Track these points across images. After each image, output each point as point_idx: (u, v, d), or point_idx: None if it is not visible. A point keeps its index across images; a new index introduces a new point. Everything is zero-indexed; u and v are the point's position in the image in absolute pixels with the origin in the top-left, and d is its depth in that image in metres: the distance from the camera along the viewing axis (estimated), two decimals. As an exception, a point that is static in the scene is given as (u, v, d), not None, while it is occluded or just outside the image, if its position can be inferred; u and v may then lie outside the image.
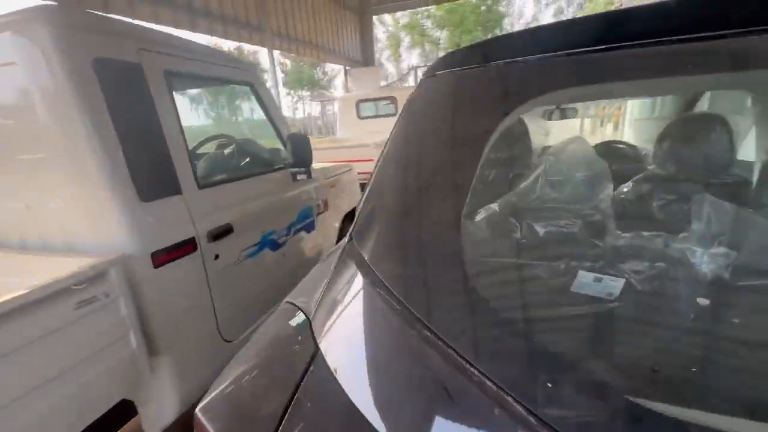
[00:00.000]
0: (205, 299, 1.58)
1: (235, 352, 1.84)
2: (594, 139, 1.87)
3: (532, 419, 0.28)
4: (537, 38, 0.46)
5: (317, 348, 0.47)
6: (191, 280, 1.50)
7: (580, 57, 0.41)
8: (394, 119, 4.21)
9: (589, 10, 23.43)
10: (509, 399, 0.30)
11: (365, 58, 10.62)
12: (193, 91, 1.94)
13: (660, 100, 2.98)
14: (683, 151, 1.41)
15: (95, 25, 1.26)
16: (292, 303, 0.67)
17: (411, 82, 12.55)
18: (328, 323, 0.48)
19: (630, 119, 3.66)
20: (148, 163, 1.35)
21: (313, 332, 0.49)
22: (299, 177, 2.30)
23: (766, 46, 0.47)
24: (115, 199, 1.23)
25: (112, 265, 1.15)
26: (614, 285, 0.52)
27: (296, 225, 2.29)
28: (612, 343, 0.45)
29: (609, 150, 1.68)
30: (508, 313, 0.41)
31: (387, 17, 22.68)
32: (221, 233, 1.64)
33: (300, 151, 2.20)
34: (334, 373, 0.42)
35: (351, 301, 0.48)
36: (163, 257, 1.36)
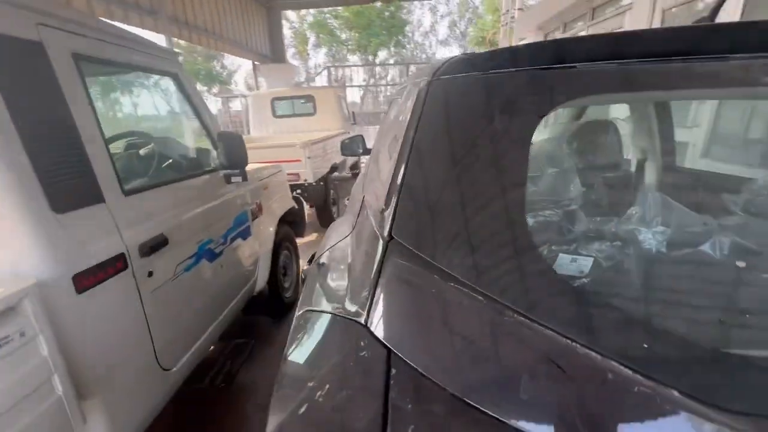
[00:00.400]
0: (140, 324, 1.35)
1: (175, 380, 1.60)
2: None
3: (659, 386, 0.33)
4: (578, 48, 0.53)
5: (388, 349, 0.45)
6: (122, 304, 1.27)
7: (603, 68, 0.50)
8: (312, 119, 4.26)
9: (479, 24, 26.14)
10: (622, 367, 0.35)
11: (275, 54, 10.10)
12: (109, 81, 1.61)
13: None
14: (589, 149, 1.70)
15: (-25, -11, 0.98)
16: (317, 310, 0.62)
17: (323, 81, 12.38)
18: (394, 322, 0.47)
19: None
20: (61, 165, 1.10)
21: (374, 334, 0.47)
22: (233, 179, 2.11)
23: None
24: (20, 210, 0.97)
25: (26, 295, 0.91)
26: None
27: (232, 232, 2.10)
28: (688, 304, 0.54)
29: None
30: (599, 290, 0.46)
31: (291, 14, 21.95)
32: (155, 246, 1.41)
33: (233, 150, 2.02)
34: (423, 371, 0.41)
35: (417, 297, 0.48)
36: (87, 279, 1.12)
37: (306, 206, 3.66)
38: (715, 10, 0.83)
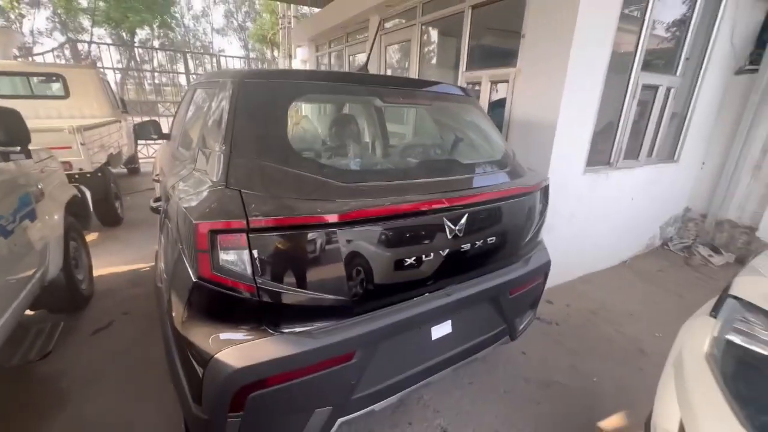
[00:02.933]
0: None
1: None
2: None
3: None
4: (305, 75, 1.34)
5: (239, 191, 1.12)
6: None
7: (318, 83, 1.34)
8: (64, 103, 4.30)
9: (259, 23, 26.22)
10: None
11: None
12: None
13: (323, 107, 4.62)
14: (342, 132, 2.70)
15: None
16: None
17: (51, 57, 9.74)
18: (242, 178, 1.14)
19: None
20: None
21: (234, 191, 1.13)
22: (13, 157, 2.02)
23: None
24: None
25: None
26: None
27: (20, 212, 2.02)
28: None
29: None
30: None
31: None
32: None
33: (11, 127, 1.96)
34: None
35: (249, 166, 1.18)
36: None
37: (89, 198, 3.34)
38: (365, 66, 1.91)
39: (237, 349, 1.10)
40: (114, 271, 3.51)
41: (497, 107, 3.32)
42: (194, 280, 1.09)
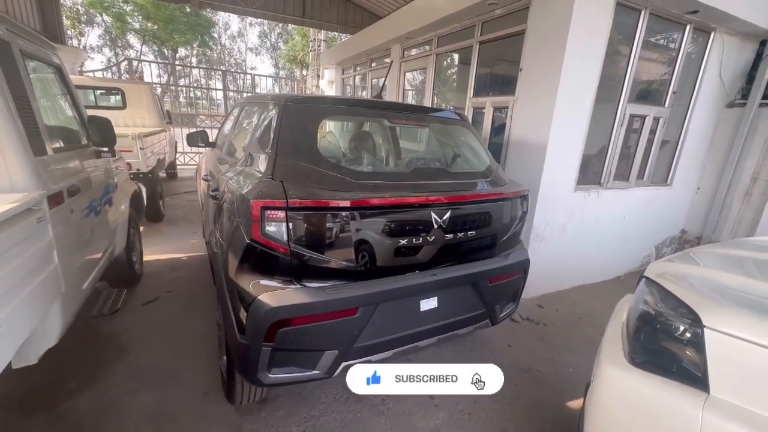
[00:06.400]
0: (72, 245, 1.89)
1: (85, 294, 2.15)
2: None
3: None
4: (332, 101, 1.81)
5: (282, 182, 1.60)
6: (63, 227, 1.81)
7: (343, 107, 1.80)
8: (121, 113, 5.18)
9: (291, 44, 27.89)
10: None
11: (49, 31, 8.35)
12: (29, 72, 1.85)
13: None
14: (359, 143, 3.16)
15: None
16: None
17: (106, 73, 10.82)
18: (289, 178, 1.60)
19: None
20: (31, 125, 1.65)
21: (282, 184, 1.60)
22: (103, 155, 2.58)
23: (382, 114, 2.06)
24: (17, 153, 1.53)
25: (43, 197, 1.51)
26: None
27: (104, 197, 2.57)
28: None
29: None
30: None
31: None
32: (74, 191, 1.96)
33: (103, 132, 2.53)
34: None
35: (294, 168, 1.65)
36: (53, 201, 1.69)
37: (144, 194, 3.93)
38: (379, 95, 2.38)
39: (273, 294, 1.54)
40: (158, 258, 4.06)
41: (498, 131, 3.75)
42: (247, 241, 1.55)
